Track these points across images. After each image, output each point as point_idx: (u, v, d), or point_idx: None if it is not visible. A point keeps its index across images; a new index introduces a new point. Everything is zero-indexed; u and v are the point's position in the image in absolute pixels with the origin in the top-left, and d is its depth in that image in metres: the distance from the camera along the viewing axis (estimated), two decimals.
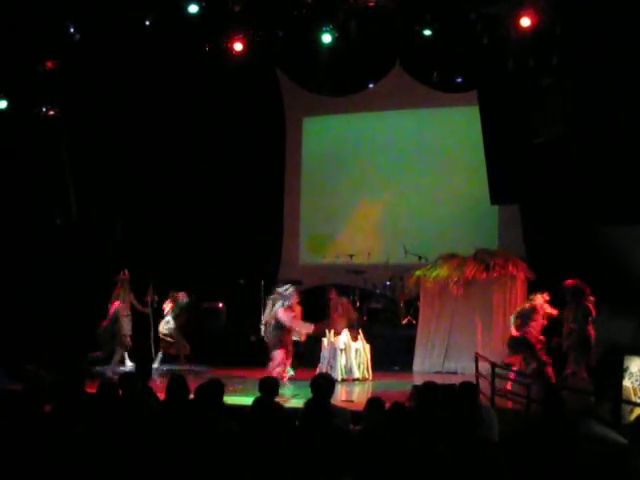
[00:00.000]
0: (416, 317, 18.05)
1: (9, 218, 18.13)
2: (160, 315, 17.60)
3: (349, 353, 16.09)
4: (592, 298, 13.67)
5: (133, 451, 6.79)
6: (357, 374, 16.05)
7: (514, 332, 14.59)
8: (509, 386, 13.55)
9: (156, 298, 17.86)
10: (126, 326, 17.78)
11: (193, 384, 8.51)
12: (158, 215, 20.65)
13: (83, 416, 7.65)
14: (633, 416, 10.33)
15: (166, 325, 17.55)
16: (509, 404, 12.74)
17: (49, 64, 17.56)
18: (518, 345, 14.51)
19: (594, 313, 13.61)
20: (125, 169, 20.13)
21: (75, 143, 18.86)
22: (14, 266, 18.05)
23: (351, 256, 20.43)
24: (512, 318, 14.83)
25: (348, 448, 5.93)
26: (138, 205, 20.69)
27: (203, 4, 16.42)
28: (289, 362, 15.64)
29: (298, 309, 15.62)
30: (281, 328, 15.28)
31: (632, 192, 14.53)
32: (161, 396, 9.26)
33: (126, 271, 17.93)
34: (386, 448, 6.69)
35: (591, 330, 13.59)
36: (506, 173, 16.94)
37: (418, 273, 17.88)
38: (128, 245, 20.04)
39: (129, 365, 17.44)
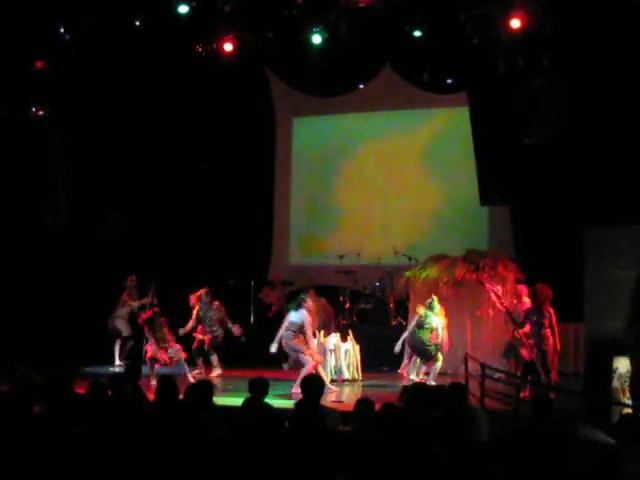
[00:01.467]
0: (406, 318, 18.04)
1: (2, 219, 18.11)
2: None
3: (339, 354, 16.08)
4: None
5: (122, 451, 6.79)
6: (347, 375, 16.05)
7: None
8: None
9: (155, 300, 17.85)
10: (125, 329, 17.90)
11: (183, 385, 8.52)
12: (147, 216, 20.62)
13: (73, 417, 7.64)
14: None
15: None
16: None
17: (39, 64, 17.52)
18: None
19: (554, 318, 13.69)
20: (116, 169, 20.08)
21: (66, 144, 18.84)
22: (6, 267, 18.00)
23: (341, 257, 20.42)
24: None
25: (338, 449, 5.95)
26: (125, 205, 20.67)
27: (193, 4, 16.39)
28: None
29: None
30: None
31: (623, 193, 14.58)
32: (151, 397, 9.26)
33: (133, 277, 17.99)
34: (376, 449, 6.70)
35: (548, 334, 13.68)
36: (496, 174, 16.99)
37: (408, 274, 17.88)
38: (118, 245, 20.02)
39: (118, 365, 17.48)
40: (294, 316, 14.57)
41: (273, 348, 14.67)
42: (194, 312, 16.68)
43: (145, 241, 20.21)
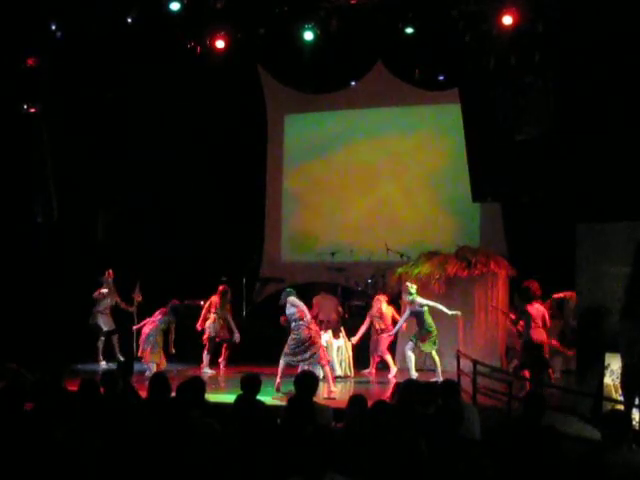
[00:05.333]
0: (398, 314, 18.02)
1: None
2: (145, 313, 17.52)
3: (331, 351, 16.07)
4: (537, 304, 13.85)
5: (114, 449, 6.78)
6: (339, 371, 16.04)
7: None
8: None
9: (141, 298, 17.84)
10: (106, 324, 17.89)
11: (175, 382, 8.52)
12: (139, 213, 20.60)
13: (64, 414, 7.63)
14: None
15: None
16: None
17: (31, 61, 17.49)
18: None
19: (535, 318, 13.71)
20: (107, 167, 20.04)
21: (58, 141, 18.79)
22: None
23: (333, 254, 20.47)
24: None
25: (330, 446, 5.94)
26: (119, 203, 20.66)
27: (185, 2, 16.38)
28: None
29: None
30: None
31: (615, 189, 14.60)
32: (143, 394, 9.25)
33: (110, 271, 17.98)
34: (368, 445, 6.69)
35: (532, 333, 13.66)
36: (488, 171, 16.98)
37: (400, 271, 17.87)
38: (110, 244, 20.01)
39: (103, 363, 17.50)
40: (287, 310, 14.42)
41: None
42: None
43: (137, 239, 20.18)
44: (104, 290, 17.87)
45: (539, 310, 13.65)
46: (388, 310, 16.46)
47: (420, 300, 15.26)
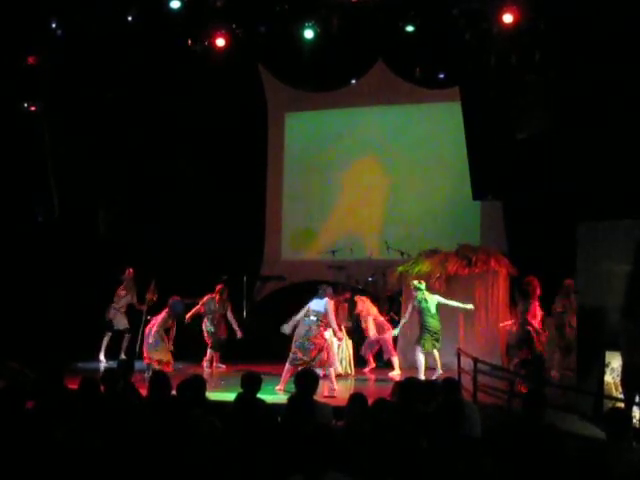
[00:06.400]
0: (398, 313, 18.04)
1: None
2: (154, 312, 17.54)
3: (332, 349, 16.06)
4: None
5: (114, 447, 6.78)
6: (339, 370, 16.04)
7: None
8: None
9: (155, 297, 17.81)
10: (119, 323, 17.90)
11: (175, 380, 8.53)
12: (139, 212, 20.60)
13: (65, 413, 7.63)
14: None
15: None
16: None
17: (31, 60, 17.49)
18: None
19: (538, 312, 13.81)
20: (109, 166, 20.04)
21: (58, 139, 18.80)
22: None
23: (333, 252, 20.46)
24: None
25: (331, 444, 5.95)
26: (119, 203, 20.65)
27: (185, 0, 16.38)
28: None
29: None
30: None
31: (615, 187, 14.60)
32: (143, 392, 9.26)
33: (131, 269, 18.02)
34: (369, 444, 6.70)
35: (533, 327, 13.80)
36: (488, 169, 16.99)
37: (400, 269, 17.87)
38: (110, 243, 20.00)
39: (103, 362, 17.49)
40: (316, 305, 14.12)
41: (287, 329, 14.12)
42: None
43: (138, 237, 20.17)
44: (122, 292, 17.94)
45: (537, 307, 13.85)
46: (372, 310, 16.50)
47: (433, 298, 15.26)
